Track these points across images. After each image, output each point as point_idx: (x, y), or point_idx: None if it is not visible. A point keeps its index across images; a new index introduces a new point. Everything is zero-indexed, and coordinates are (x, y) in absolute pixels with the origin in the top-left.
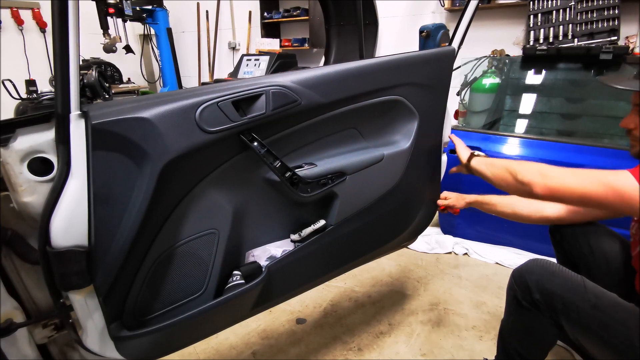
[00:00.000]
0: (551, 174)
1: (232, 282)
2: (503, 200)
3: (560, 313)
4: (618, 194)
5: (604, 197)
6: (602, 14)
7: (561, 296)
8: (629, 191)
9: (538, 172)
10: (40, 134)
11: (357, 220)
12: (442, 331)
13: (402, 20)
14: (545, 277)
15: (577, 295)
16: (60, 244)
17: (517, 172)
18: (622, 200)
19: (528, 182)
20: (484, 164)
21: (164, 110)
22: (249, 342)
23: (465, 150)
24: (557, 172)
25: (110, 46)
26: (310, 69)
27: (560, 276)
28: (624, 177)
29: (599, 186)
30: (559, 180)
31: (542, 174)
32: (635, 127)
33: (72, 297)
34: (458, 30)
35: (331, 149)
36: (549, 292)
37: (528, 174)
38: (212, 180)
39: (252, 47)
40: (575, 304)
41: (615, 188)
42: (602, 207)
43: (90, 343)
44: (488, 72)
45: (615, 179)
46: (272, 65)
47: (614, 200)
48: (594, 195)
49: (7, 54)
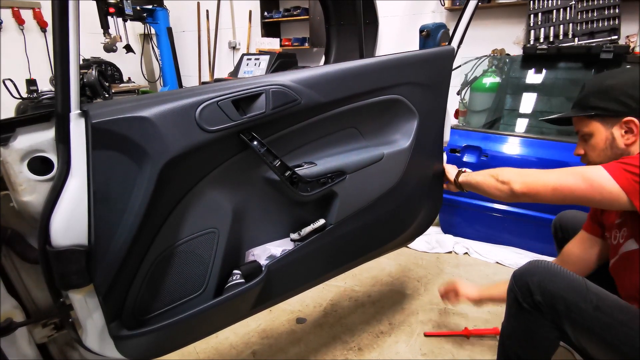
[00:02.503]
0: (529, 172)
1: (232, 281)
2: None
3: (562, 315)
4: (594, 185)
5: (581, 189)
6: (602, 13)
7: (563, 298)
8: (604, 182)
9: (516, 172)
10: (40, 133)
11: (357, 220)
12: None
13: (402, 19)
14: (546, 278)
15: (579, 297)
16: (60, 243)
17: (498, 174)
18: (598, 192)
19: (507, 181)
20: (470, 176)
21: (164, 109)
22: (249, 342)
23: (452, 169)
24: (534, 171)
25: (110, 45)
26: (310, 68)
27: (562, 278)
28: (599, 170)
29: (576, 179)
30: (536, 176)
31: (520, 173)
32: (585, 152)
33: (72, 296)
34: (458, 30)
35: (331, 148)
36: (550, 293)
37: (507, 174)
38: (212, 180)
39: (252, 46)
40: (577, 305)
41: (591, 179)
42: (578, 200)
43: (90, 342)
44: (488, 71)
45: (591, 171)
46: (272, 65)
47: (590, 192)
48: (572, 188)
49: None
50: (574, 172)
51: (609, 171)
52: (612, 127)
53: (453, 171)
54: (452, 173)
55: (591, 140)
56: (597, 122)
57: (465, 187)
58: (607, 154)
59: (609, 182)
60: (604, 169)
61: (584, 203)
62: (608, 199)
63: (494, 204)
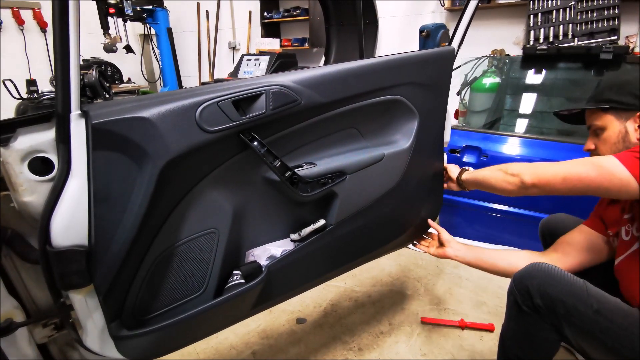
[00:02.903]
0: (539, 164)
1: (232, 281)
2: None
3: (562, 318)
4: (603, 172)
5: (591, 177)
6: (602, 14)
7: (563, 301)
8: (614, 169)
9: (526, 164)
10: (40, 133)
11: (357, 220)
12: (443, 331)
13: (402, 20)
14: (546, 281)
15: (580, 300)
16: (60, 244)
17: (507, 167)
18: (608, 179)
19: (517, 173)
20: (475, 173)
21: (164, 109)
22: (249, 342)
23: (455, 167)
24: (543, 163)
25: (110, 46)
26: (311, 69)
27: (562, 281)
28: (609, 157)
29: (585, 167)
30: (546, 167)
31: (530, 165)
32: (596, 147)
33: (72, 296)
34: (458, 30)
35: (331, 149)
36: (550, 297)
37: (517, 167)
38: (212, 180)
39: (252, 46)
40: (577, 309)
41: (601, 166)
42: (587, 188)
43: (90, 342)
44: (488, 71)
45: (601, 159)
46: (272, 65)
47: (599, 179)
48: (581, 175)
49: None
50: (583, 160)
51: (620, 159)
52: (626, 120)
53: (455, 170)
54: (455, 171)
55: (603, 134)
56: (610, 115)
57: (469, 185)
58: (619, 147)
59: (618, 169)
60: (615, 157)
61: (594, 192)
62: (618, 185)
63: (493, 204)
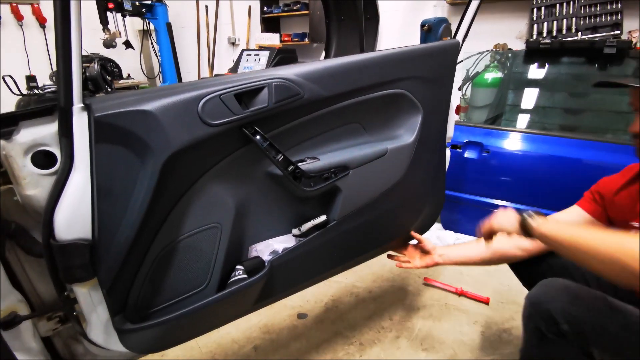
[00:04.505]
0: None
1: (235, 276)
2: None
3: (590, 340)
4: None
5: None
6: (605, 8)
7: (589, 322)
8: None
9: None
10: (43, 126)
11: (360, 216)
12: (444, 327)
13: (403, 14)
14: (568, 302)
15: (605, 318)
16: (63, 237)
17: (625, 242)
18: None
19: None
20: (563, 229)
21: (166, 103)
22: (251, 337)
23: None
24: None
25: (109, 41)
26: (313, 62)
27: (583, 298)
28: None
29: None
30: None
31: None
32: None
33: (76, 289)
34: (462, 23)
35: (334, 143)
36: (576, 319)
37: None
38: (214, 174)
39: (252, 42)
40: (604, 327)
41: None
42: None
43: (94, 335)
44: (490, 66)
45: None
46: (272, 60)
47: None
48: None
49: (7, 49)
50: None
51: None
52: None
53: (513, 218)
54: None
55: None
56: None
57: (549, 242)
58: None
59: None
60: None
61: None
62: None
63: (494, 200)
